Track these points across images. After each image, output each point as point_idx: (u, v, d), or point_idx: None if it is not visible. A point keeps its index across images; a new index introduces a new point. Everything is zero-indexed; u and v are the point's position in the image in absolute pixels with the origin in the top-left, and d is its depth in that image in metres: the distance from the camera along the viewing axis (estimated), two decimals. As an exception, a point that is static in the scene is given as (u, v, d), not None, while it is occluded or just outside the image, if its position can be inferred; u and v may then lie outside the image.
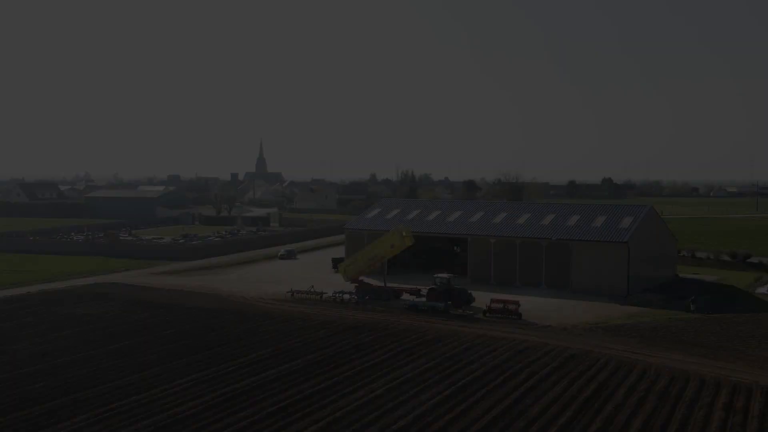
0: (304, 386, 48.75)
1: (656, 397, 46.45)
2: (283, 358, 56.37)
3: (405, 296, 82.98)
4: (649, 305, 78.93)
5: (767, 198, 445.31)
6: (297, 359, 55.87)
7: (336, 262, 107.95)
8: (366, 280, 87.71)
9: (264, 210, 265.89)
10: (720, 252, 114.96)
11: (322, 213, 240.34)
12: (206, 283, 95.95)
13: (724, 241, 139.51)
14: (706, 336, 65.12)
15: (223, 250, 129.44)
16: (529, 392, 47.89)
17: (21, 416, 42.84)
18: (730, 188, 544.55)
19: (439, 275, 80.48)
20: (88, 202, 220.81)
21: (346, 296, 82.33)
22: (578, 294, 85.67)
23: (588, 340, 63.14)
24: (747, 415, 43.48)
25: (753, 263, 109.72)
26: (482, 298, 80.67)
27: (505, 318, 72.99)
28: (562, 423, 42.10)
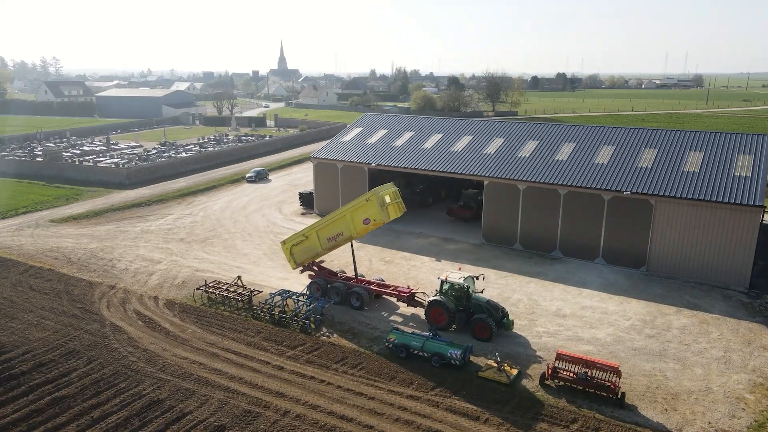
0: None
1: None
2: None
3: (389, 294, 35.42)
4: (824, 333, 31.22)
5: (690, 89, 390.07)
6: None
7: (304, 199, 59.12)
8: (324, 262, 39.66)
9: (275, 105, 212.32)
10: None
11: (323, 109, 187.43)
12: (113, 239, 47.67)
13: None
14: None
15: (186, 168, 79.56)
16: None
17: None
18: (656, 80, 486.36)
19: (452, 277, 31.88)
20: (99, 102, 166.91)
21: (293, 297, 34.52)
22: (666, 285, 37.76)
23: None
24: None
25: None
26: (500, 289, 32.74)
27: (585, 390, 25.64)
28: None
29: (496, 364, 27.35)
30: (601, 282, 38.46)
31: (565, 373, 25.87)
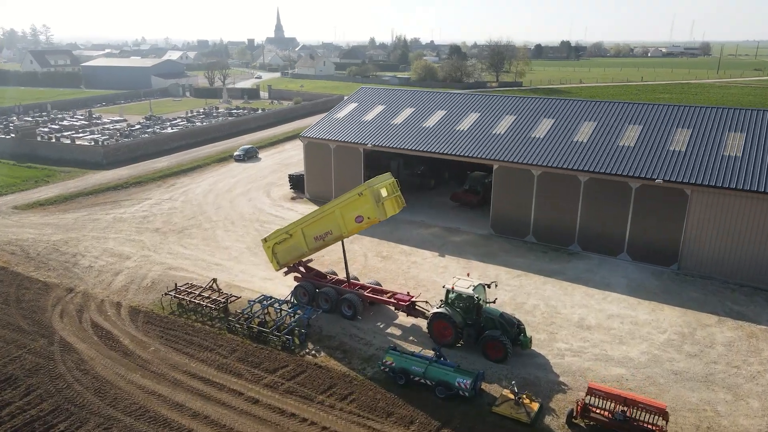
0: None
1: None
2: None
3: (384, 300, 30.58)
4: None
5: (697, 58, 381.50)
6: None
7: (294, 181, 54.18)
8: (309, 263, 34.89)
9: (270, 75, 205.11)
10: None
11: (320, 79, 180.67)
12: (81, 229, 42.96)
13: None
14: None
15: (170, 145, 74.12)
16: None
17: None
18: (662, 48, 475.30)
19: (459, 286, 27.06)
20: (86, 72, 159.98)
21: (275, 306, 29.90)
22: (701, 287, 33.04)
23: None
24: None
25: None
26: (512, 292, 27.97)
27: (622, 432, 21.09)
28: None
29: (513, 396, 22.83)
30: (628, 283, 33.79)
31: (598, 411, 21.36)
